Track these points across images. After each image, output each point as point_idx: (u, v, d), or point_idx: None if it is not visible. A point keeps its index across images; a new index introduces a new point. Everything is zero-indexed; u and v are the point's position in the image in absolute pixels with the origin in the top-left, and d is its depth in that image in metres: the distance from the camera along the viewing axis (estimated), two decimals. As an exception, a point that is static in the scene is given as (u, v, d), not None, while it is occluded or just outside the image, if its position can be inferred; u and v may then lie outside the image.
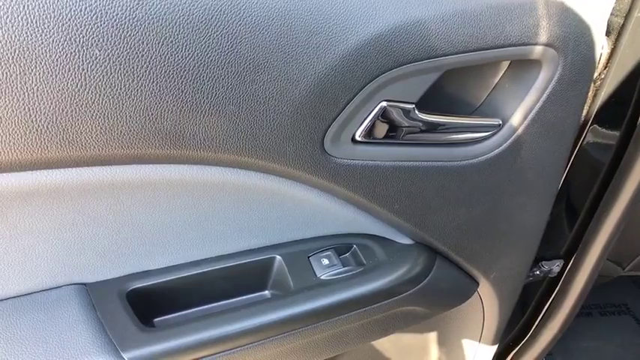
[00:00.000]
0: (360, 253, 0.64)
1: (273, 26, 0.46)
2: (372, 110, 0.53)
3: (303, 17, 0.47)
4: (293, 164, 0.53)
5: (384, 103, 0.53)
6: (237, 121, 0.49)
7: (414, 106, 0.55)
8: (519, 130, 0.59)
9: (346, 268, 0.63)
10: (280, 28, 0.46)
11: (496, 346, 0.91)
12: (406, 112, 0.55)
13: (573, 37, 0.57)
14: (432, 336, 0.87)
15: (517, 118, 0.58)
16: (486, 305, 0.78)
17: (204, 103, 0.47)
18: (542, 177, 0.66)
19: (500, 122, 0.59)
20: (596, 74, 0.73)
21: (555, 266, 0.93)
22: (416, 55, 0.51)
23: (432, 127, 0.57)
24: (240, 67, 0.46)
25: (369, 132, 0.54)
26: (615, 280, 1.21)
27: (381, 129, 0.55)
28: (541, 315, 0.99)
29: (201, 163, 0.52)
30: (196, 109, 0.47)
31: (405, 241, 0.67)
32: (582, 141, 0.79)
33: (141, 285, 0.58)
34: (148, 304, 0.58)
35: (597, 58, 0.62)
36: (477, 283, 0.74)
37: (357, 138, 0.54)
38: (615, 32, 0.71)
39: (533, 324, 1.00)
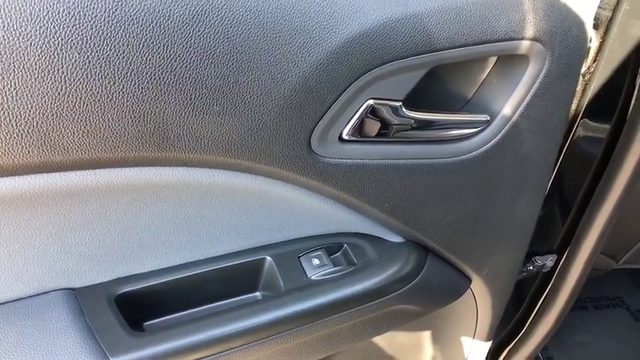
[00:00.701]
0: (351, 252, 0.64)
1: (256, 26, 0.46)
2: (359, 109, 0.53)
3: (286, 16, 0.47)
4: (280, 164, 0.53)
5: (370, 101, 0.53)
6: (222, 122, 0.49)
7: (401, 103, 0.54)
8: (508, 126, 0.59)
9: (337, 268, 0.62)
10: (263, 27, 0.46)
11: (490, 342, 0.91)
12: (393, 110, 0.54)
13: (560, 31, 0.56)
14: (426, 334, 0.87)
15: (505, 113, 0.58)
16: (479, 302, 0.78)
17: (187, 104, 0.47)
18: (532, 172, 0.66)
19: (489, 118, 0.59)
20: (585, 68, 0.73)
21: (549, 261, 0.93)
22: (401, 52, 0.50)
23: (420, 125, 0.57)
24: (224, 68, 0.46)
25: (357, 130, 0.54)
26: (609, 273, 1.21)
27: (369, 127, 0.54)
28: (535, 310, 0.99)
29: (187, 165, 0.52)
30: (180, 111, 0.47)
31: (396, 239, 0.67)
32: (573, 135, 0.79)
33: (130, 289, 0.57)
34: (138, 307, 0.57)
35: (585, 52, 0.62)
36: (470, 280, 0.73)
37: (344, 137, 0.54)
38: (604, 25, 0.70)
39: (528, 319, 1.00)
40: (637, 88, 0.69)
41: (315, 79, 0.49)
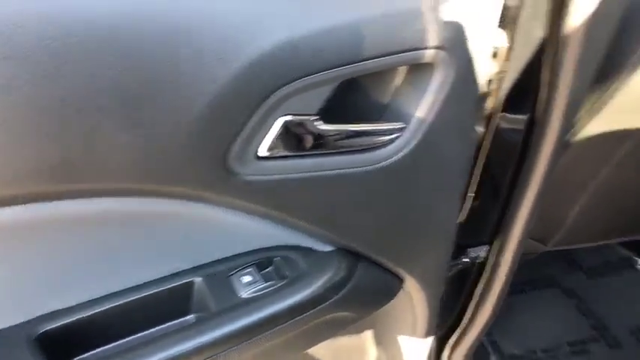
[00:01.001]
0: (282, 265, 0.64)
1: (158, 53, 0.45)
2: (274, 126, 0.53)
3: (189, 40, 0.46)
4: (198, 187, 0.53)
5: (285, 118, 0.53)
6: (132, 150, 0.48)
7: (316, 117, 0.55)
8: (422, 132, 0.60)
9: (268, 284, 0.62)
10: (166, 53, 0.45)
11: (432, 337, 0.94)
12: (308, 124, 0.55)
13: (463, 37, 0.58)
14: (368, 335, 0.88)
15: (418, 120, 0.60)
16: (415, 300, 0.81)
17: (92, 135, 0.45)
18: (449, 173, 0.68)
19: (404, 125, 0.60)
20: (498, 67, 0.77)
21: (482, 252, 0.96)
22: (308, 69, 0.51)
23: (337, 136, 0.57)
24: (128, 96, 0.45)
25: (274, 147, 0.54)
26: (544, 254, 1.27)
27: (286, 143, 0.55)
28: (474, 299, 1.03)
29: (100, 195, 0.50)
30: (85, 143, 0.45)
31: (327, 248, 0.67)
32: (495, 131, 0.83)
33: (52, 326, 0.55)
34: (63, 345, 0.55)
35: (491, 54, 0.65)
36: (402, 280, 0.75)
37: (262, 154, 0.54)
38: (511, 26, 0.74)
39: (468, 309, 1.04)
40: (541, 87, 0.73)
41: (223, 101, 0.48)
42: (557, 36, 0.69)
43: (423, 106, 0.59)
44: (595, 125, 0.84)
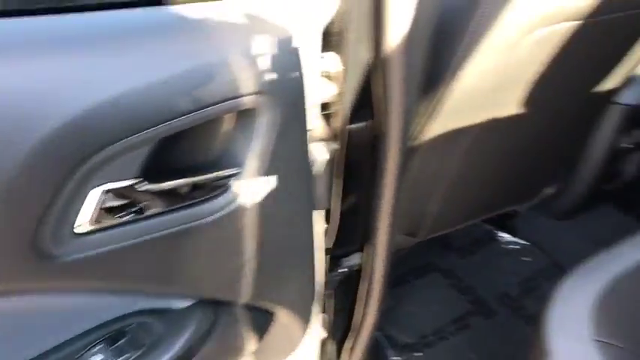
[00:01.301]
0: (138, 333, 0.60)
1: None
2: (89, 198, 0.49)
3: None
4: (11, 280, 0.47)
5: (103, 187, 0.50)
6: None
7: (138, 179, 0.52)
8: (257, 174, 0.60)
9: (122, 358, 0.58)
10: None
11: (319, 352, 0.96)
12: (130, 189, 0.52)
13: (281, 77, 0.58)
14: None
15: (252, 163, 0.60)
16: (290, 326, 0.81)
17: None
18: (291, 206, 0.69)
19: (239, 170, 0.59)
20: (338, 89, 0.79)
21: (356, 259, 1.00)
22: (117, 134, 0.48)
23: (168, 194, 0.55)
24: None
25: (95, 220, 0.50)
26: (420, 243, 1.36)
27: (108, 213, 0.51)
28: (360, 302, 1.07)
29: None
30: None
31: (183, 303, 0.65)
32: (347, 144, 0.86)
33: None
34: None
35: (325, 79, 0.67)
36: (272, 314, 0.75)
37: (82, 230, 0.50)
38: (341, 50, 0.77)
39: (356, 312, 1.07)
40: (376, 103, 0.77)
41: (22, 183, 0.44)
42: (381, 57, 0.73)
43: (255, 150, 0.59)
44: (433, 130, 0.91)
